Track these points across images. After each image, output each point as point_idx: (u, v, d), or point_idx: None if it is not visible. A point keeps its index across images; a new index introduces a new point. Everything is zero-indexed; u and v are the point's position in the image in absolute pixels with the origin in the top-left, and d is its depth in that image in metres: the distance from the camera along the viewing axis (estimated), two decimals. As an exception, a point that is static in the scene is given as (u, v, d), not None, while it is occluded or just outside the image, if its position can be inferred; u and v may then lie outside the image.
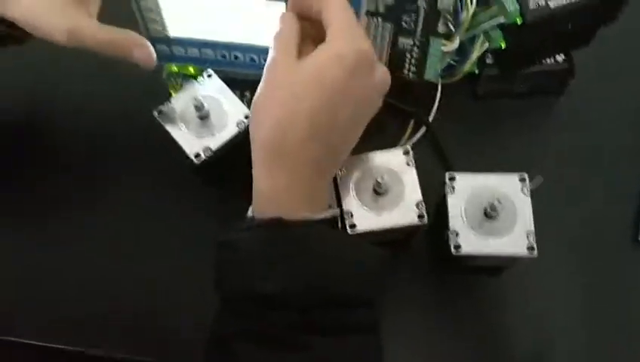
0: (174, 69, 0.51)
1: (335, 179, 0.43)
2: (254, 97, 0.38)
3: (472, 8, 0.47)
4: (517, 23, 0.44)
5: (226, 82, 0.48)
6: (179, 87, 0.51)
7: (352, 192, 0.43)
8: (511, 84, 0.52)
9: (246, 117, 0.46)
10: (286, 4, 0.41)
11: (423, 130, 0.52)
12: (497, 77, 0.51)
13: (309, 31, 0.40)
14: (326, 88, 0.36)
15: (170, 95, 0.50)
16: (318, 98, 0.36)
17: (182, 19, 0.45)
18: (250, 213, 0.38)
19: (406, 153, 0.44)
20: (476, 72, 0.51)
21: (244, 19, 0.44)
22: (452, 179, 0.43)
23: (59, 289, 0.47)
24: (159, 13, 0.45)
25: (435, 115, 0.52)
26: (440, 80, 0.51)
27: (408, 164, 0.43)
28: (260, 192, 0.37)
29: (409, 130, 0.52)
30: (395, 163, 0.43)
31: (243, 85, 0.51)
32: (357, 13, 0.43)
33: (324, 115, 0.36)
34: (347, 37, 0.37)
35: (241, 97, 0.51)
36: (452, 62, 0.50)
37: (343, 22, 0.37)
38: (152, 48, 0.43)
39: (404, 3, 0.47)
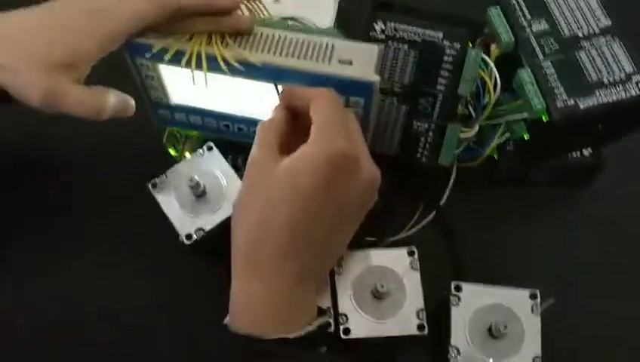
0: (173, 152, 0.49)
1: (332, 275, 0.41)
2: (237, 197, 0.36)
3: (494, 96, 0.43)
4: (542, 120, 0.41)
5: (227, 144, 0.46)
6: (180, 149, 0.49)
7: (350, 291, 0.40)
8: (532, 173, 0.48)
9: (244, 197, 0.43)
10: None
11: (432, 214, 0.49)
12: (518, 164, 0.47)
13: (303, 124, 0.37)
14: (301, 196, 0.33)
15: (171, 157, 0.48)
16: (293, 207, 0.33)
17: (185, 89, 0.43)
18: (226, 320, 0.35)
19: (411, 254, 0.41)
20: (495, 157, 0.47)
21: (248, 93, 0.41)
22: (458, 288, 0.40)
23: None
24: (161, 83, 0.42)
25: (447, 199, 0.48)
26: (455, 163, 0.48)
27: (412, 267, 0.40)
28: (235, 303, 0.34)
29: (418, 214, 0.49)
30: (398, 264, 0.41)
31: (247, 152, 0.48)
32: (366, 118, 0.40)
33: (301, 227, 0.33)
34: (324, 139, 0.34)
35: (244, 162, 0.49)
36: (470, 145, 0.47)
37: (323, 121, 0.35)
38: (128, 99, 0.40)
39: (422, 85, 0.44)
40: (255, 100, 0.42)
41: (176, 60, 0.39)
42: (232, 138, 0.46)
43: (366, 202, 0.37)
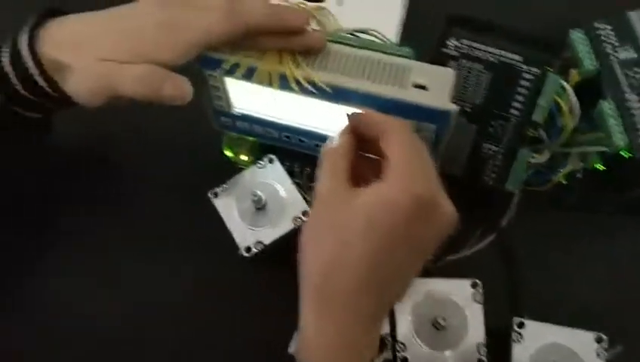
0: (229, 154, 0.48)
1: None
2: (304, 225, 0.35)
3: (571, 124, 0.41)
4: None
5: (287, 153, 0.46)
6: (236, 151, 0.48)
7: (409, 318, 0.40)
8: (600, 202, 0.46)
9: (303, 213, 0.43)
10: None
11: (492, 236, 0.47)
12: (587, 192, 0.46)
13: (370, 149, 0.36)
14: (377, 237, 0.32)
15: (228, 159, 0.48)
16: (369, 247, 0.32)
17: (249, 100, 0.42)
18: (291, 349, 0.35)
19: (474, 286, 0.40)
20: (564, 182, 0.46)
21: (314, 108, 0.40)
22: (521, 325, 0.39)
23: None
24: (226, 94, 0.41)
25: (508, 221, 0.47)
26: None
27: (475, 300, 0.39)
28: (305, 337, 0.34)
29: (477, 234, 0.47)
30: (460, 295, 0.40)
31: (304, 160, 0.47)
32: (437, 145, 0.39)
33: (375, 266, 0.33)
34: (403, 180, 0.32)
35: (301, 173, 0.48)
36: (539, 169, 0.45)
37: (400, 160, 0.33)
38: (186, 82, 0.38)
39: (494, 107, 0.42)
40: (321, 115, 0.41)
41: (245, 76, 0.38)
42: (292, 148, 0.45)
43: (440, 239, 0.36)
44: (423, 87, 0.37)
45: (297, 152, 0.46)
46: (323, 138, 0.43)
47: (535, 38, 0.40)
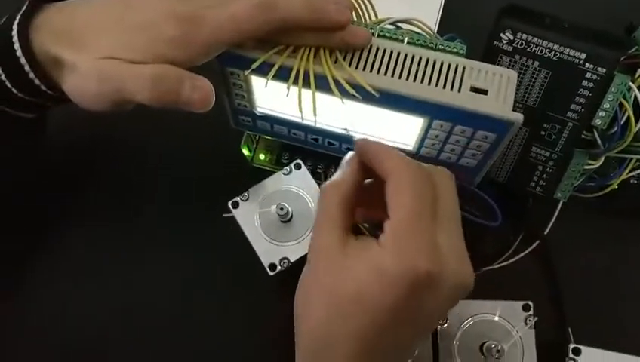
0: (247, 153, 0.43)
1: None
2: (300, 279, 0.30)
3: (635, 130, 0.37)
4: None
5: (310, 152, 0.41)
6: (253, 149, 0.44)
7: (455, 343, 0.36)
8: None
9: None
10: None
11: (535, 244, 0.43)
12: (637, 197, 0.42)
13: (379, 184, 0.30)
14: (366, 312, 0.28)
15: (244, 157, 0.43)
16: (358, 322, 0.28)
17: (274, 99, 0.37)
18: None
19: (526, 309, 0.36)
20: (616, 186, 0.42)
21: (350, 110, 0.35)
22: (576, 352, 0.35)
23: None
24: (250, 93, 0.36)
25: (552, 228, 0.43)
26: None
27: (527, 325, 0.36)
28: None
29: (517, 242, 0.44)
30: (510, 319, 0.36)
31: (329, 159, 0.42)
32: (490, 154, 0.34)
33: (370, 340, 0.28)
34: (401, 250, 0.27)
35: (325, 174, 0.43)
36: (591, 175, 0.41)
37: (402, 221, 0.28)
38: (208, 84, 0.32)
39: (549, 109, 0.38)
40: (356, 117, 0.36)
41: (277, 77, 0.33)
42: (319, 150, 0.41)
43: (448, 308, 0.31)
44: (482, 92, 0.32)
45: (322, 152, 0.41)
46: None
47: (600, 34, 0.35)
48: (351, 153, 0.32)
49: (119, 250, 0.44)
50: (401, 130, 0.36)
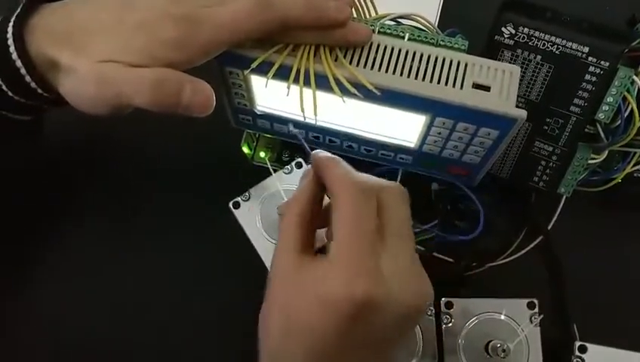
0: (247, 150, 0.43)
1: (439, 326, 0.36)
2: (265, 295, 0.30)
3: (638, 122, 0.37)
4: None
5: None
6: (253, 146, 0.43)
7: (460, 341, 0.36)
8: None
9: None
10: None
11: (538, 239, 0.43)
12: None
13: None
14: (315, 334, 0.27)
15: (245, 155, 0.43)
16: (309, 344, 0.27)
17: (274, 97, 0.36)
18: None
19: (531, 306, 0.36)
20: (619, 180, 0.42)
21: (349, 107, 0.35)
22: (582, 349, 0.35)
23: None
24: (250, 92, 0.36)
25: (556, 223, 0.43)
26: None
27: (532, 323, 0.36)
28: None
29: (520, 237, 0.43)
30: (515, 317, 0.36)
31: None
32: (492, 150, 0.34)
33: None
34: (341, 273, 0.27)
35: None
36: (595, 169, 0.41)
37: (339, 243, 0.28)
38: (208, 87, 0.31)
39: (552, 103, 0.37)
40: (356, 114, 0.36)
41: (276, 76, 0.32)
42: (320, 148, 0.40)
43: (408, 327, 0.31)
44: (485, 88, 0.32)
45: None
46: (356, 139, 0.38)
47: (603, 27, 0.35)
48: (306, 167, 0.32)
49: (119, 249, 0.44)
50: (403, 128, 0.36)
